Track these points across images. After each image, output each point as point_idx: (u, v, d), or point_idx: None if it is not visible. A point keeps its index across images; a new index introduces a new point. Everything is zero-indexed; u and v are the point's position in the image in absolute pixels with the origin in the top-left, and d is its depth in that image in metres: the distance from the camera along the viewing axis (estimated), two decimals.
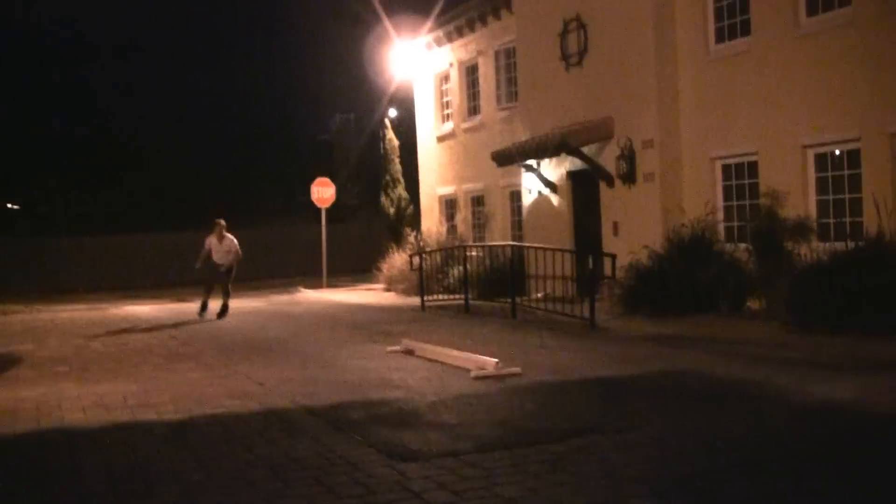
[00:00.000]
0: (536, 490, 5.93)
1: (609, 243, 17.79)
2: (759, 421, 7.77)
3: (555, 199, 20.17)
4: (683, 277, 14.60)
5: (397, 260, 25.08)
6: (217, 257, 20.13)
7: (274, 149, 51.58)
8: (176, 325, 18.60)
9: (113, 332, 17.50)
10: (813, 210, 14.76)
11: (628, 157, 17.63)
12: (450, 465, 6.59)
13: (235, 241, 20.28)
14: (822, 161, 14.84)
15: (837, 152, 14.60)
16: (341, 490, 6.09)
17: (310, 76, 47.75)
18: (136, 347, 14.99)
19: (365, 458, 6.91)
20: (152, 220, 37.84)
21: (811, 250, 13.60)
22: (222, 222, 20.36)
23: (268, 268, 31.94)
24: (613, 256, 14.93)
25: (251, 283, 18.86)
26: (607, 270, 15.09)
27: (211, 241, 20.18)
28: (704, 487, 5.90)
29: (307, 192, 29.70)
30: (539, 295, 17.53)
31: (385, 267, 25.84)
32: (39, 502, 6.30)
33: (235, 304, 19.19)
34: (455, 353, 11.70)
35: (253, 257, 20.18)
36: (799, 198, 14.76)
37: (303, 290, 27.88)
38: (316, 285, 28.21)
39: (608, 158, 18.22)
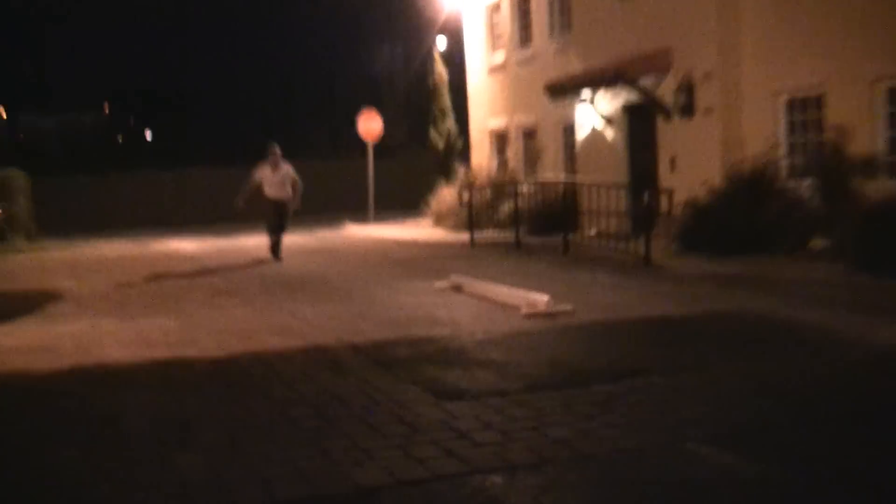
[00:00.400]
0: (587, 431, 5.75)
1: (666, 179, 17.30)
2: (820, 365, 7.47)
3: (609, 133, 19.66)
4: (743, 215, 14.14)
5: (446, 195, 24.76)
6: (271, 191, 17.58)
7: (319, 82, 51.12)
8: (220, 262, 18.45)
9: (156, 269, 17.37)
10: (882, 146, 14.14)
11: (687, 89, 17.04)
12: (498, 404, 6.41)
13: (293, 169, 17.77)
14: (892, 95, 14.19)
15: None
16: (386, 429, 5.93)
17: (357, 5, 46.83)
18: (179, 283, 14.91)
19: (410, 397, 6.75)
20: (194, 156, 37.60)
21: (879, 189, 13.06)
22: (277, 149, 17.70)
23: (314, 204, 31.65)
24: (670, 192, 14.54)
25: (297, 218, 18.69)
26: (664, 207, 14.71)
27: (263, 171, 17.63)
28: (762, 433, 5.66)
29: (354, 127, 29.37)
30: (592, 232, 17.18)
31: (433, 202, 25.54)
32: (80, 439, 6.16)
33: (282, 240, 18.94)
34: (505, 289, 11.44)
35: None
36: (867, 133, 14.14)
37: (349, 225, 27.74)
38: (363, 221, 28.06)
39: (666, 91, 17.64)
